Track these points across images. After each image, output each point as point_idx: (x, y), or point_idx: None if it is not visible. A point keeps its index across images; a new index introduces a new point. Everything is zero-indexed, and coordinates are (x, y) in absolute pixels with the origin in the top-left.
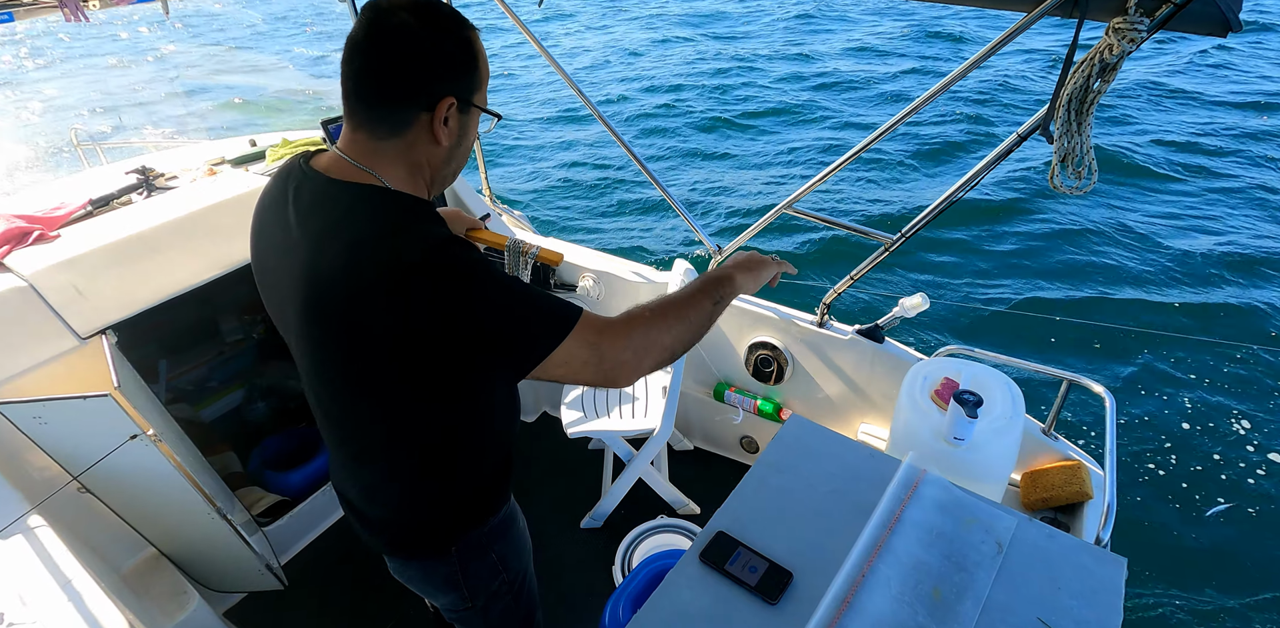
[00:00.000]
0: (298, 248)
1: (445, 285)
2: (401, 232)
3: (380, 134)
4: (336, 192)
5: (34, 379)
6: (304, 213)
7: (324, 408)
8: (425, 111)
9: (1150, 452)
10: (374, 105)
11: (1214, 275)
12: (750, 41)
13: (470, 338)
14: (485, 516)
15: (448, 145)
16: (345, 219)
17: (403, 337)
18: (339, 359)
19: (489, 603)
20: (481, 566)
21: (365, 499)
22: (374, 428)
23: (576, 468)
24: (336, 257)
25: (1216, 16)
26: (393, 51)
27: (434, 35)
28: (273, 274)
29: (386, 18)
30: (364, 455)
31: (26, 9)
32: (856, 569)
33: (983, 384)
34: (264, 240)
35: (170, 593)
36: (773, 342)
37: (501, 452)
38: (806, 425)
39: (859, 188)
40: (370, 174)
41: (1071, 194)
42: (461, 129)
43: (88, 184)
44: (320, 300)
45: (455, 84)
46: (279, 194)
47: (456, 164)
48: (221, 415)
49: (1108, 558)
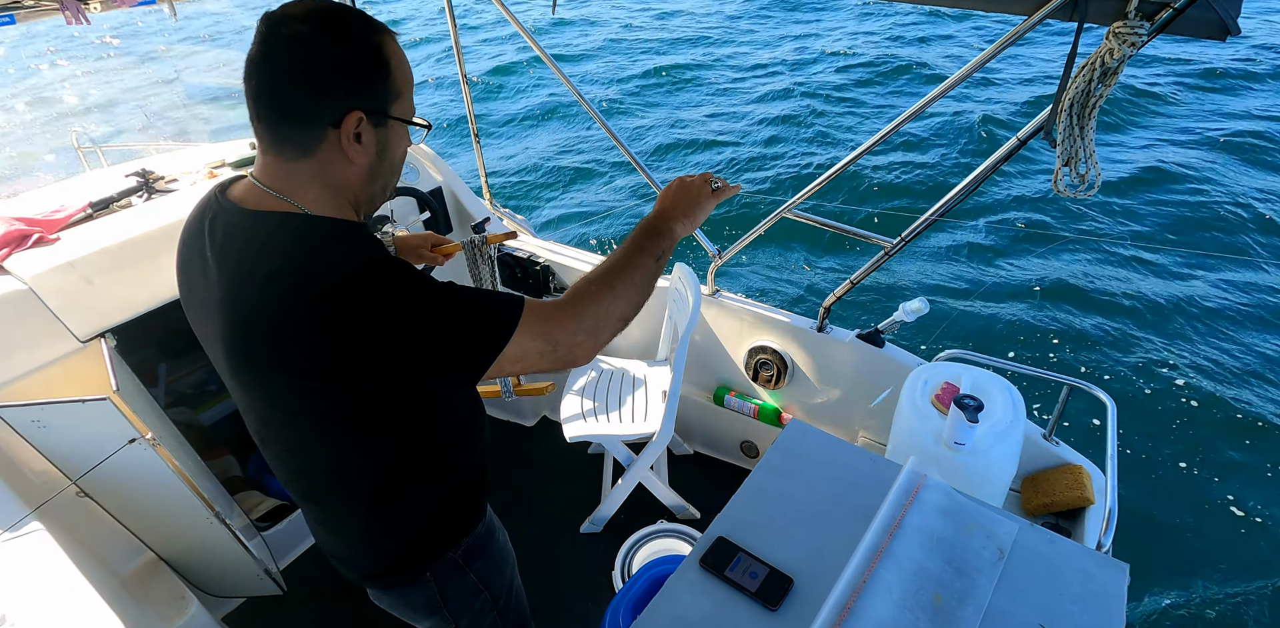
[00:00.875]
0: (215, 286)
1: (373, 308)
2: (319, 257)
3: (289, 155)
4: (251, 223)
5: (33, 382)
6: (220, 249)
7: (267, 447)
8: (332, 128)
9: (1152, 457)
10: (277, 125)
11: (1219, 277)
12: (749, 40)
13: (411, 357)
14: (458, 536)
15: (365, 163)
16: (262, 252)
17: (337, 368)
18: (274, 399)
19: (473, 622)
20: (460, 586)
21: (327, 533)
22: (320, 464)
23: (576, 472)
24: (255, 293)
25: (1215, 20)
26: (289, 65)
27: (333, 44)
28: (197, 311)
29: (280, 29)
30: (316, 492)
31: (28, 11)
32: (858, 575)
33: (983, 389)
34: (187, 278)
35: (169, 598)
36: (773, 346)
37: (469, 470)
38: (807, 430)
39: (859, 191)
40: (285, 201)
41: (1075, 197)
42: (380, 144)
43: (87, 187)
44: (244, 340)
45: (363, 96)
46: (197, 230)
47: (384, 181)
48: (221, 419)
49: (1109, 564)
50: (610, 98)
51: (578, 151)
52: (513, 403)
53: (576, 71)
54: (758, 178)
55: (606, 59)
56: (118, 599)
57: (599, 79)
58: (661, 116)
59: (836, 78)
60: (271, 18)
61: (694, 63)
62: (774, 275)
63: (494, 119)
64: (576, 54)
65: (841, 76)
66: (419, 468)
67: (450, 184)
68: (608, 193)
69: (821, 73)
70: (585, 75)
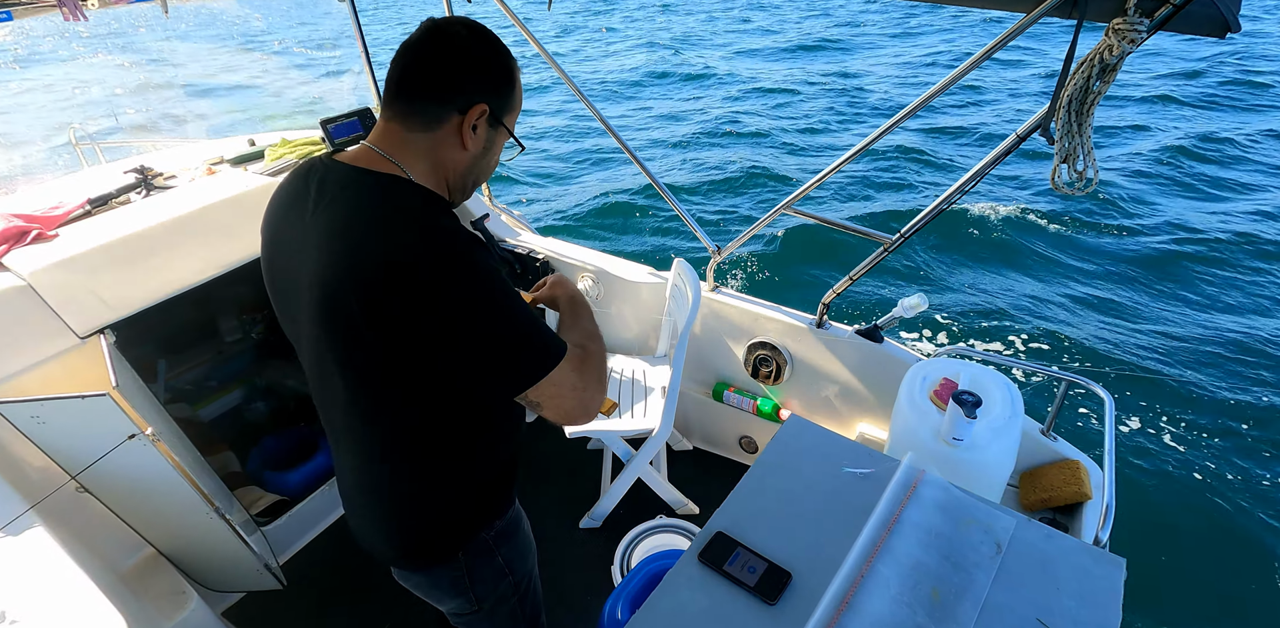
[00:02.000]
0: (311, 237)
1: (447, 283)
2: (413, 223)
3: (413, 126)
4: (359, 177)
5: (32, 378)
6: (323, 200)
7: (329, 408)
8: (459, 113)
9: (1150, 452)
10: (413, 99)
11: (1218, 275)
12: (750, 40)
13: (469, 350)
14: (492, 518)
15: (472, 152)
16: (364, 203)
17: (399, 332)
18: (343, 356)
19: (495, 606)
20: (488, 569)
21: (374, 506)
22: (377, 430)
23: (576, 468)
24: (348, 245)
25: (1216, 17)
26: (443, 53)
27: (483, 49)
28: (283, 272)
29: (444, 28)
30: (371, 459)
31: (25, 8)
32: (855, 570)
33: (981, 385)
34: (277, 238)
35: (169, 593)
36: (772, 342)
37: (507, 452)
38: (805, 426)
39: (858, 188)
40: (395, 164)
41: (1073, 194)
42: (488, 141)
43: (86, 183)
44: (328, 291)
45: (490, 97)
46: (298, 188)
47: (477, 176)
48: (220, 415)
49: (1107, 559)
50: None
51: (574, 150)
52: None
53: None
54: (759, 174)
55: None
56: (118, 594)
57: (603, 80)
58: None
59: (837, 74)
60: (436, 20)
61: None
62: (773, 271)
63: None
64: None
65: (845, 68)
66: (471, 447)
67: None
68: (605, 187)
69: (821, 71)
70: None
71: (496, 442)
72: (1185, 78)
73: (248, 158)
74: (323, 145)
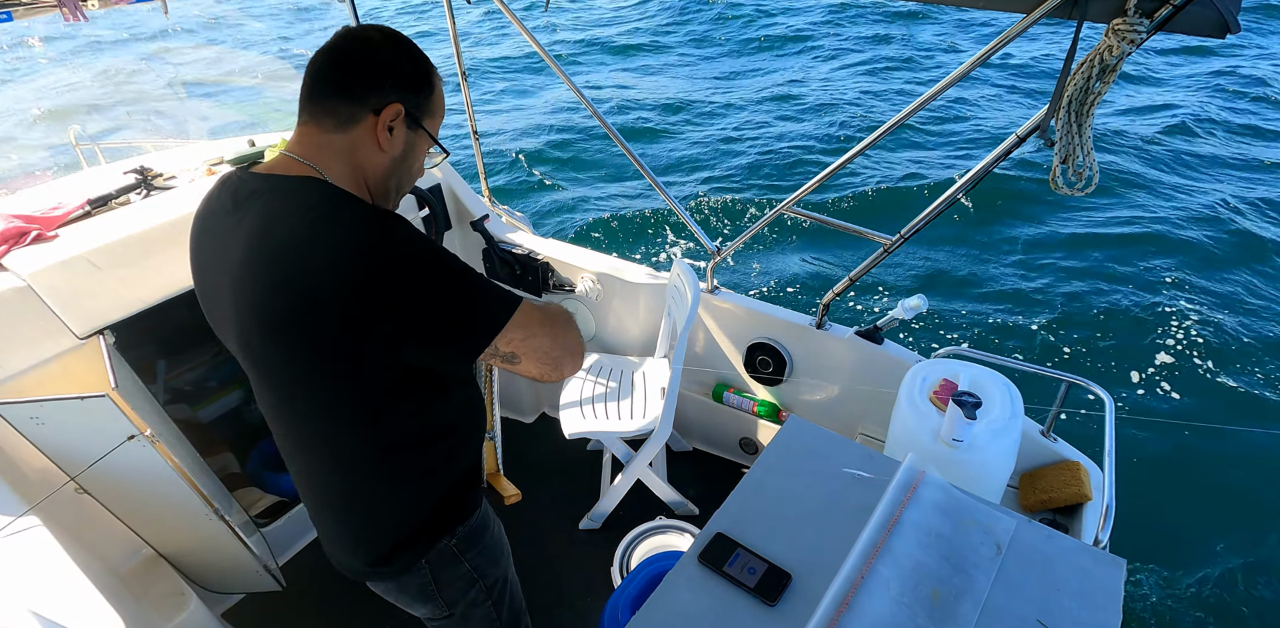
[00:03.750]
0: (236, 251)
1: (387, 268)
2: (335, 217)
3: (326, 126)
4: (279, 183)
5: (31, 379)
6: (240, 210)
7: (277, 416)
8: (373, 114)
9: (1150, 453)
10: (325, 98)
11: (1218, 274)
12: (750, 40)
13: (426, 324)
14: (453, 524)
15: (390, 155)
16: (281, 208)
17: (350, 329)
18: (296, 365)
19: (468, 611)
20: (455, 575)
21: (334, 520)
22: (324, 444)
23: (575, 469)
24: (276, 255)
25: (1215, 18)
26: (355, 53)
27: (395, 51)
28: (213, 286)
29: (355, 31)
30: (326, 470)
31: (25, 8)
32: (855, 571)
33: (981, 386)
34: (203, 253)
35: (168, 594)
36: (772, 343)
37: (468, 458)
38: (805, 427)
39: (858, 188)
40: (310, 167)
41: (1072, 195)
42: (407, 145)
43: (86, 184)
44: (269, 304)
45: (405, 96)
46: (214, 204)
47: (399, 182)
48: (220, 416)
49: (1107, 559)
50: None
51: (574, 152)
52: (512, 399)
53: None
54: (759, 174)
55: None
56: (117, 596)
57: (601, 80)
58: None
59: (838, 74)
60: (351, 27)
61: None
62: (773, 272)
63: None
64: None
65: (845, 68)
66: (424, 453)
67: (449, 181)
68: (605, 188)
69: (823, 70)
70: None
71: (454, 449)
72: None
73: (248, 158)
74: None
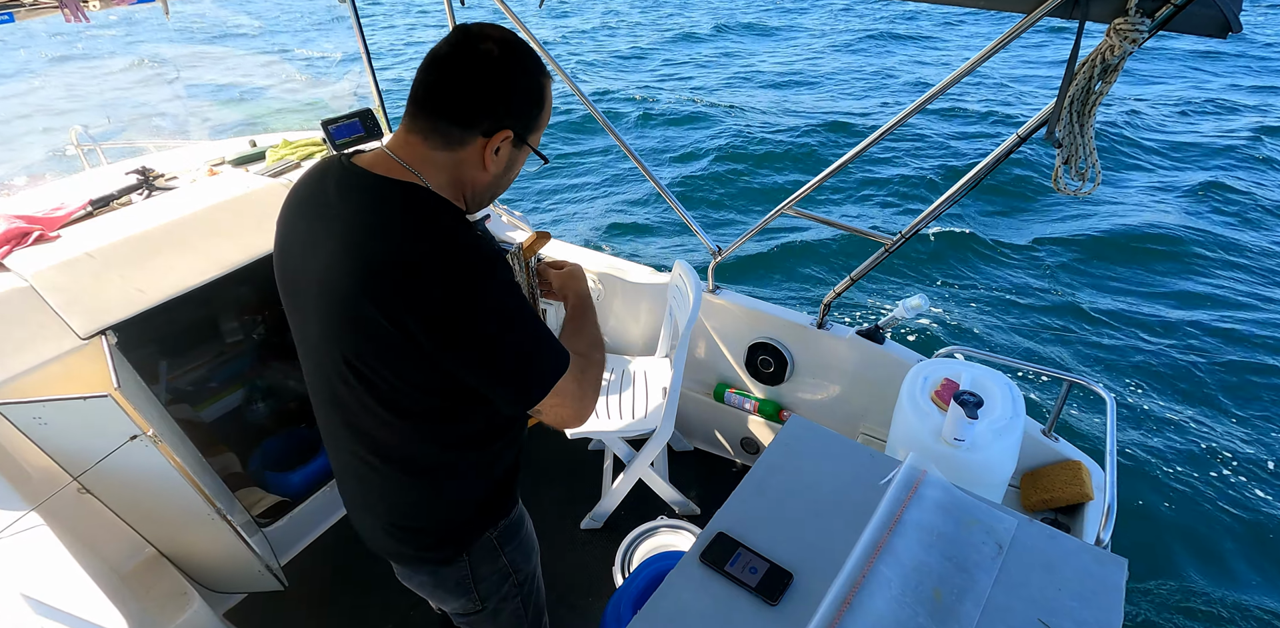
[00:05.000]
0: (326, 239)
1: (461, 292)
2: (432, 230)
3: (434, 144)
4: (380, 184)
5: (34, 380)
6: (340, 203)
7: (332, 408)
8: (483, 137)
9: (1151, 452)
10: (437, 117)
11: (1219, 274)
12: (750, 37)
13: (481, 361)
14: (497, 518)
15: (493, 173)
16: (380, 209)
17: (413, 336)
18: (355, 357)
19: (499, 606)
20: (492, 569)
21: (378, 507)
22: (385, 431)
23: (577, 469)
24: (367, 248)
25: (1216, 17)
26: (471, 74)
27: (513, 71)
28: (296, 271)
29: (475, 42)
30: (377, 460)
31: (27, 9)
32: (857, 570)
33: (983, 385)
34: (290, 238)
35: (170, 594)
36: (773, 343)
37: (513, 452)
38: (807, 426)
39: (859, 188)
40: (414, 174)
41: (1075, 195)
42: (510, 161)
43: (88, 184)
44: (344, 292)
45: (517, 120)
46: (314, 188)
47: (496, 191)
48: (222, 416)
49: (1108, 559)
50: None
51: (573, 152)
52: None
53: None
54: (759, 175)
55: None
56: (119, 596)
57: (604, 80)
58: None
59: (839, 73)
60: (470, 30)
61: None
62: (774, 272)
63: None
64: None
65: (846, 68)
66: (474, 449)
67: None
68: (606, 187)
69: (823, 70)
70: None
71: (503, 444)
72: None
73: (249, 159)
74: (323, 146)
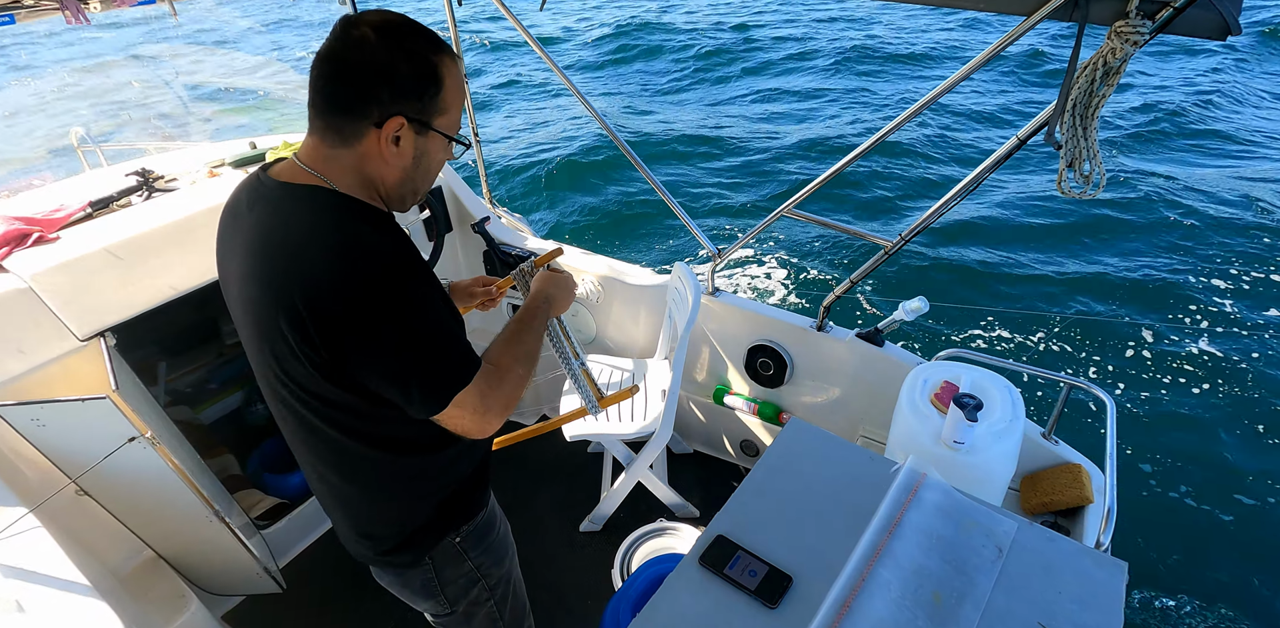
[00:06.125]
0: (238, 254)
1: (350, 295)
2: (328, 241)
3: (331, 142)
4: (282, 192)
5: (32, 381)
6: (249, 214)
7: (281, 419)
8: (375, 127)
9: (1151, 455)
10: (326, 114)
11: (1220, 277)
12: (750, 37)
13: (386, 360)
14: (459, 523)
15: (399, 166)
16: (285, 218)
17: (322, 351)
18: (280, 371)
19: (471, 609)
20: (458, 572)
21: (338, 513)
22: (321, 442)
23: (576, 471)
24: (267, 265)
25: (1216, 20)
26: (347, 62)
27: (392, 53)
28: (226, 286)
29: (350, 30)
30: (326, 470)
31: (28, 11)
32: (856, 573)
33: (982, 388)
34: (220, 248)
35: (168, 596)
36: (772, 345)
37: (474, 459)
38: (806, 429)
39: (859, 190)
40: (319, 178)
41: (1079, 198)
42: (418, 151)
43: (87, 186)
44: (257, 309)
45: (409, 104)
46: (232, 202)
47: (415, 185)
48: (220, 418)
49: (1108, 562)
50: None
51: (573, 151)
52: None
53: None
54: (760, 176)
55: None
56: (117, 598)
57: (602, 79)
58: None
59: (840, 73)
60: (348, 20)
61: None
62: (774, 274)
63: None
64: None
65: (848, 68)
66: (420, 454)
67: (450, 183)
68: (606, 190)
69: (824, 70)
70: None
71: (457, 450)
72: None
73: (249, 160)
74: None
